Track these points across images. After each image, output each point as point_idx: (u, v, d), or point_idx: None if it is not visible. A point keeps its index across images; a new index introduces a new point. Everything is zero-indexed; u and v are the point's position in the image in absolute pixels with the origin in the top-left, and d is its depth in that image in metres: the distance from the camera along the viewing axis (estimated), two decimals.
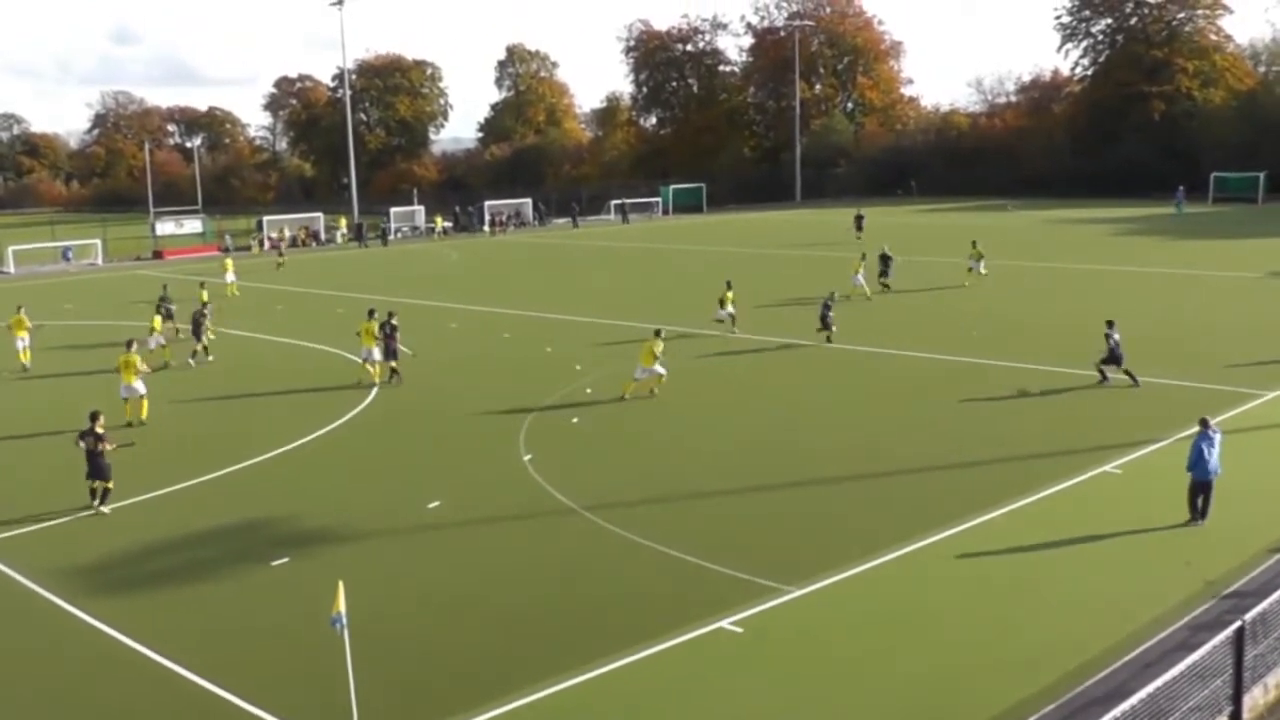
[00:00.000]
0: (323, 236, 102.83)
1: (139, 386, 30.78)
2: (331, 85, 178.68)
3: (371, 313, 37.53)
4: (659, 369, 32.40)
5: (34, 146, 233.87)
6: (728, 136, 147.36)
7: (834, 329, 39.36)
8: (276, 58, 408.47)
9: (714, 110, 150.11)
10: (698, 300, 47.64)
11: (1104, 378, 32.01)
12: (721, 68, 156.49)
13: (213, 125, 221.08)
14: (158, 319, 40.58)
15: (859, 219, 79.87)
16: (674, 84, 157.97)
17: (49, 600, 19.60)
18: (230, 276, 62.74)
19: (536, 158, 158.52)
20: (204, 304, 46.46)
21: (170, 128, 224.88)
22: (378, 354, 36.04)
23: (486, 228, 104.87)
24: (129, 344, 28.49)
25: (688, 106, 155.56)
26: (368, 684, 14.43)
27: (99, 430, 23.71)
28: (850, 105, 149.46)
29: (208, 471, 26.45)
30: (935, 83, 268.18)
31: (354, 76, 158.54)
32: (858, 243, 71.73)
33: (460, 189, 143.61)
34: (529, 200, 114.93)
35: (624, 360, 33.47)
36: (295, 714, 15.18)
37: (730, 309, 42.76)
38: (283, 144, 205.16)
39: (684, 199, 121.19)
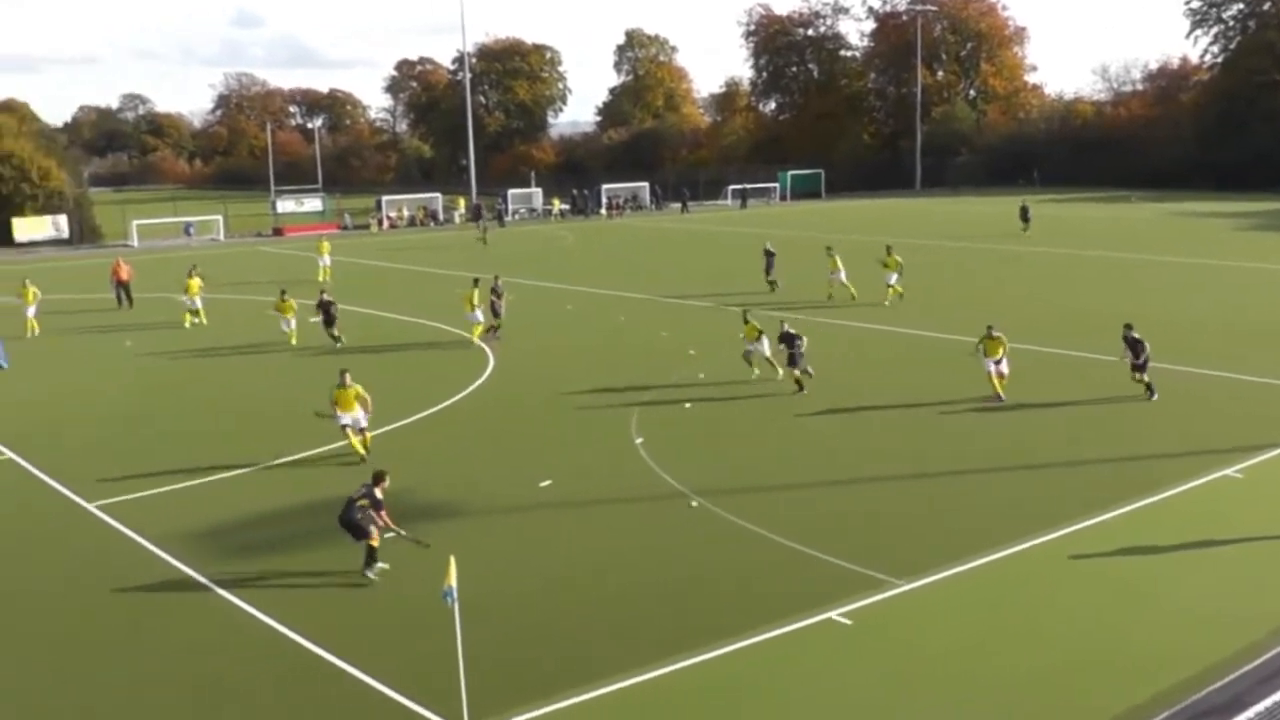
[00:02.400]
0: (440, 217, 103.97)
1: (362, 418, 25.98)
2: (451, 68, 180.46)
3: (475, 281, 40.75)
4: (762, 348, 32.32)
5: (158, 126, 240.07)
6: (847, 123, 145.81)
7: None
8: (397, 41, 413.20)
9: (834, 96, 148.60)
10: (814, 286, 47.38)
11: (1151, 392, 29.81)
12: (842, 53, 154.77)
13: (334, 107, 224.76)
14: (290, 302, 41.36)
15: (1024, 210, 74.39)
16: (794, 69, 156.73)
17: (168, 562, 20.18)
18: (326, 260, 60.87)
19: (654, 142, 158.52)
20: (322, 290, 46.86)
21: (292, 109, 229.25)
22: (479, 315, 39.46)
23: (603, 211, 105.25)
24: (342, 375, 25.50)
25: (807, 92, 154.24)
26: (475, 658, 14.55)
27: (379, 495, 19.46)
28: (972, 93, 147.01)
29: (327, 443, 26.93)
30: (1059, 70, 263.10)
31: (474, 60, 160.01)
32: (1024, 235, 70.57)
33: (577, 172, 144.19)
34: (646, 184, 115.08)
35: (738, 346, 33.33)
36: (402, 683, 15.40)
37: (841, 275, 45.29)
38: (402, 126, 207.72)
39: (802, 185, 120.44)
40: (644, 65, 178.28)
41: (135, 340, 42.73)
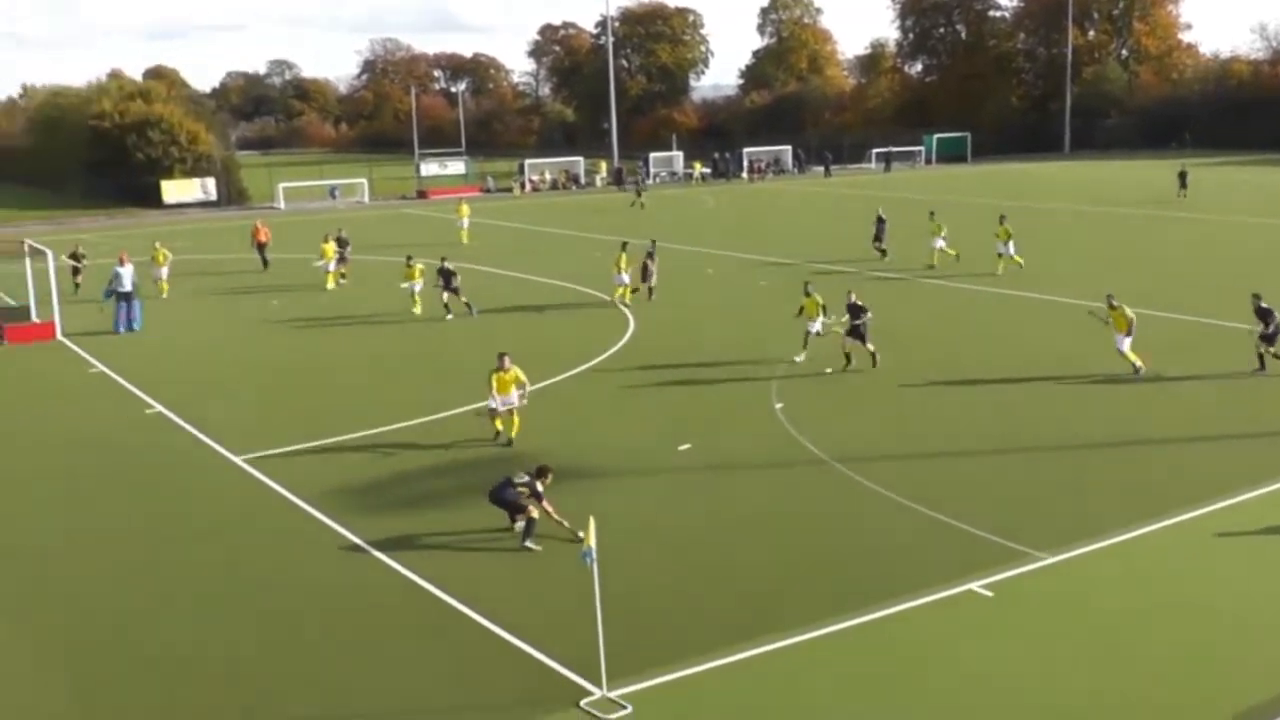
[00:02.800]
0: (582, 180, 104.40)
1: (515, 399, 24.82)
2: (594, 32, 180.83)
3: (624, 245, 41.69)
4: (815, 326, 31.07)
5: (304, 91, 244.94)
6: (995, 85, 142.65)
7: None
8: (540, 5, 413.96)
9: (981, 57, 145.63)
10: (968, 254, 46.54)
11: (1262, 365, 28.67)
12: (991, 13, 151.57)
13: (477, 71, 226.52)
14: (417, 267, 41.68)
15: (1183, 176, 72.17)
16: (941, 30, 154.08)
17: (309, 513, 20.65)
18: (465, 222, 61.18)
19: (797, 105, 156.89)
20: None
21: (436, 73, 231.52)
22: (625, 278, 39.82)
23: (745, 174, 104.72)
24: (501, 358, 24.59)
25: (954, 53, 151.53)
26: (613, 619, 14.58)
27: (540, 488, 19.19)
28: (1124, 53, 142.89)
29: (468, 403, 27.24)
30: (1215, 29, 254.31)
31: (617, 24, 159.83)
32: (1181, 200, 68.68)
33: (719, 136, 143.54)
34: (788, 148, 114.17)
35: (879, 312, 32.74)
36: (540, 641, 15.51)
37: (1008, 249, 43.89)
38: (545, 90, 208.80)
39: (947, 148, 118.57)
40: (788, 27, 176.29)
41: (281, 300, 43.68)
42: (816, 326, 30.93)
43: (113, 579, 18.42)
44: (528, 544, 18.77)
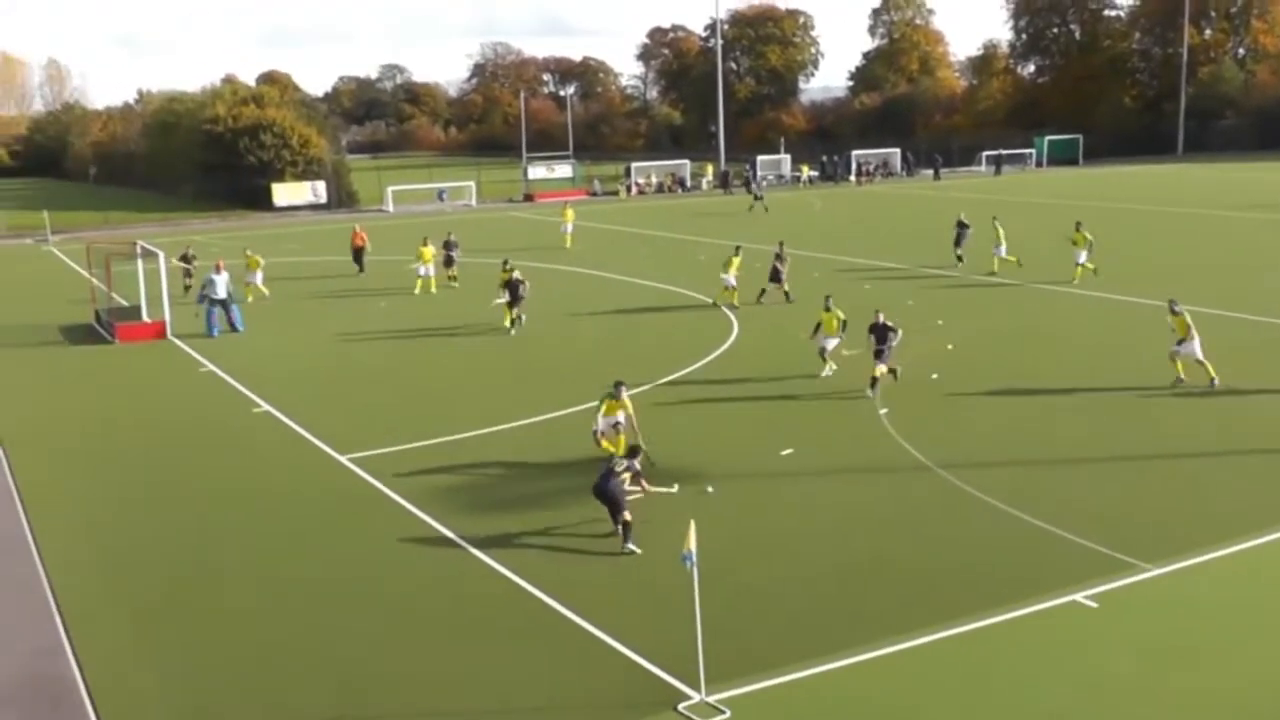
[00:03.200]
0: (688, 183, 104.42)
1: (621, 418, 23.59)
2: (703, 35, 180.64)
3: (738, 249, 41.57)
4: (828, 344, 29.90)
5: (415, 94, 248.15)
6: (1108, 86, 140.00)
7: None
8: (649, 9, 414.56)
9: (1095, 58, 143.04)
10: (1061, 257, 45.79)
11: None
12: (1106, 12, 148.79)
13: (586, 74, 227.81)
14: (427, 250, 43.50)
15: None
16: (1055, 30, 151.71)
17: (411, 512, 20.94)
18: (569, 226, 60.68)
19: (907, 107, 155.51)
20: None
21: (545, 77, 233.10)
22: (733, 280, 39.77)
23: (853, 177, 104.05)
24: (618, 387, 23.42)
25: (1068, 54, 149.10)
26: (712, 623, 14.58)
27: (638, 466, 20.12)
28: (1241, 52, 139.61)
29: (569, 406, 27.42)
30: None
31: (726, 26, 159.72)
32: None
33: (828, 138, 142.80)
34: (897, 150, 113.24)
35: (984, 318, 32.43)
36: (639, 644, 15.54)
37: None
38: (653, 93, 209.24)
39: (1059, 151, 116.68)
40: (899, 28, 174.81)
41: (388, 302, 44.27)
42: (831, 345, 29.92)
43: (229, 575, 18.85)
44: (629, 546, 18.81)
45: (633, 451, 20.10)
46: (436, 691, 14.78)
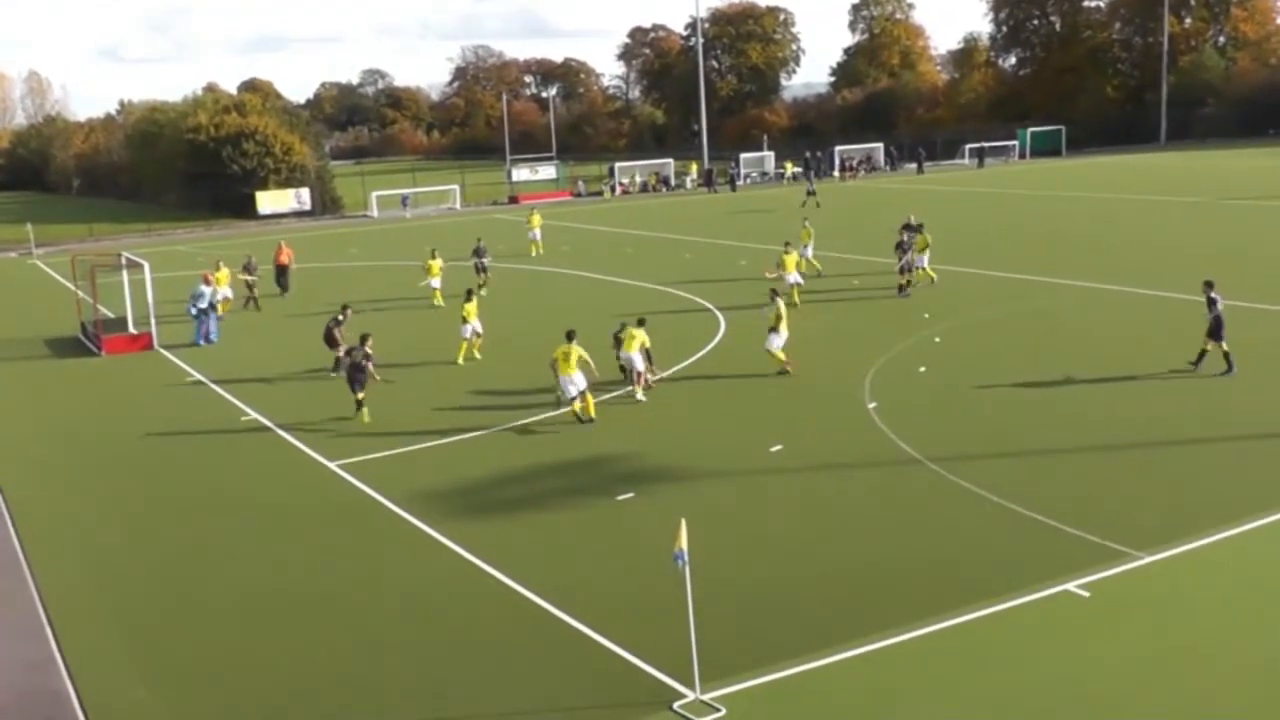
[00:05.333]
0: (672, 182, 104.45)
1: (580, 380, 25.98)
2: (684, 34, 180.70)
3: (787, 245, 41.02)
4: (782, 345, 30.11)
5: (397, 99, 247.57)
6: (1089, 76, 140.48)
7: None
8: (630, 9, 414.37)
9: (1076, 49, 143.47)
10: (1060, 249, 45.92)
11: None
12: (1086, 3, 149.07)
13: (568, 76, 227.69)
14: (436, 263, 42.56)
15: None
16: (1035, 22, 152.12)
17: (401, 516, 20.88)
18: (536, 233, 58.40)
19: (889, 102, 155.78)
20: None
21: (527, 79, 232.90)
22: (800, 278, 38.89)
23: (835, 173, 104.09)
24: (569, 335, 25.08)
25: (1049, 45, 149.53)
26: (705, 621, 14.56)
27: (369, 350, 27.61)
28: (1221, 39, 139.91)
29: (557, 408, 27.31)
30: None
31: (707, 25, 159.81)
32: None
33: (810, 134, 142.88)
34: (880, 145, 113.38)
35: (976, 308, 32.50)
36: (632, 643, 15.55)
37: None
38: (635, 93, 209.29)
39: (1041, 142, 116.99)
40: (880, 23, 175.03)
41: (387, 313, 44.12)
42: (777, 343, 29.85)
43: (220, 585, 18.78)
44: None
45: (364, 338, 27.82)
46: (427, 696, 14.73)
